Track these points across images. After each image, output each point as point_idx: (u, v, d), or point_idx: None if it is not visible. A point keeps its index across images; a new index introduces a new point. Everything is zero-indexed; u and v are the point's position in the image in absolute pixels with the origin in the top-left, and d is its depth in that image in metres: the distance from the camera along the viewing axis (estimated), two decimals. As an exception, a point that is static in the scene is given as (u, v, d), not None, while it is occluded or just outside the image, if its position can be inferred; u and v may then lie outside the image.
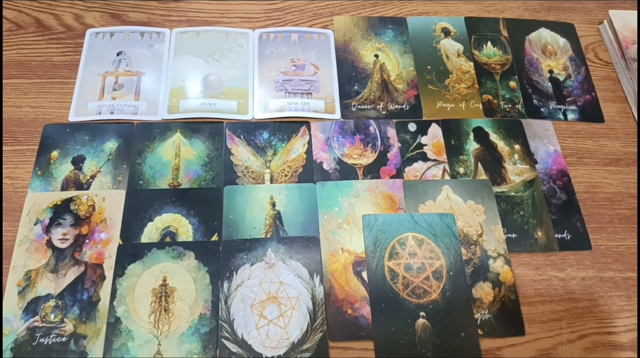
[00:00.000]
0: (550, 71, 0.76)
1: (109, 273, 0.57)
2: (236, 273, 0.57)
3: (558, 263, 0.61)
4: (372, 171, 0.65)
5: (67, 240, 0.58)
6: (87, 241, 0.58)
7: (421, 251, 0.60)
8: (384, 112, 0.70)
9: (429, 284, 0.58)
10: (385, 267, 0.58)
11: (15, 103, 0.68)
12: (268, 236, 0.59)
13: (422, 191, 0.64)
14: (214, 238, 0.59)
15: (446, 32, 0.78)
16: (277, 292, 0.56)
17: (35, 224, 0.59)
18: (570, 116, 0.72)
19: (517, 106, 0.72)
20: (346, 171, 0.65)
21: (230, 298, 0.56)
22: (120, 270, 0.57)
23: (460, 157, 0.67)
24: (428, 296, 0.57)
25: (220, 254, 0.58)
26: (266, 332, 0.54)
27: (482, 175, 0.66)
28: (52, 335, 0.53)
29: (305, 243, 0.59)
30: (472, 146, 0.68)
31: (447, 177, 0.65)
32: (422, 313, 0.56)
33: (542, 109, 0.72)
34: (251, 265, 0.57)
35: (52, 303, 0.55)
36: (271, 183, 0.64)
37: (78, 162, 0.63)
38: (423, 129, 0.69)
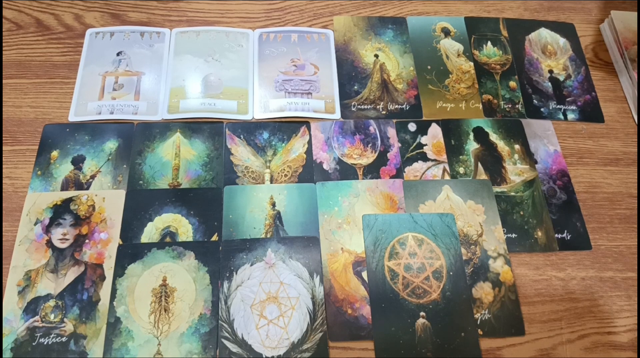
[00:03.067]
0: (550, 71, 0.76)
1: (109, 273, 0.57)
2: (236, 273, 0.57)
3: (558, 263, 0.61)
4: (372, 171, 0.65)
5: (67, 240, 0.58)
6: (87, 241, 0.58)
7: (421, 251, 0.60)
8: (384, 112, 0.70)
9: (429, 284, 0.58)
10: (385, 267, 0.58)
11: (15, 103, 0.68)
12: (268, 236, 0.59)
13: (422, 191, 0.64)
14: (214, 238, 0.59)
15: (446, 32, 0.78)
16: (277, 292, 0.56)
17: (35, 224, 0.59)
18: (570, 116, 0.72)
19: (517, 106, 0.72)
20: (346, 171, 0.65)
21: (230, 298, 0.56)
22: (120, 270, 0.57)
23: (460, 157, 0.67)
24: (428, 297, 0.57)
25: (220, 254, 0.58)
26: (266, 332, 0.54)
27: (482, 175, 0.66)
28: (52, 335, 0.53)
29: (305, 243, 0.59)
30: (472, 146, 0.68)
31: (447, 177, 0.65)
32: (422, 313, 0.56)
33: (542, 109, 0.72)
34: (251, 265, 0.57)
35: (52, 303, 0.55)
36: (271, 183, 0.63)
37: (78, 162, 0.63)
38: (423, 129, 0.69)
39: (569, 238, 0.63)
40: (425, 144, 0.68)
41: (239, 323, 0.54)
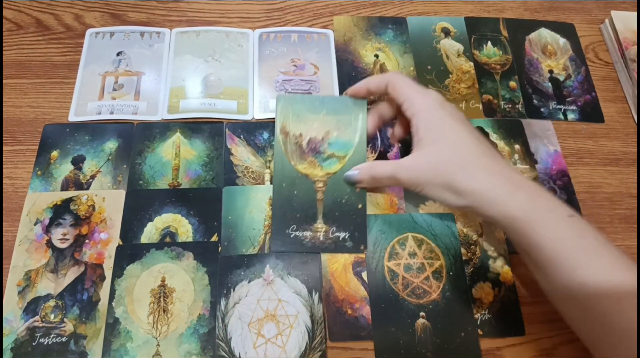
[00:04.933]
0: (550, 71, 0.76)
1: (108, 273, 0.57)
2: (233, 290, 0.56)
3: (558, 263, 0.61)
4: (372, 171, 0.65)
5: (67, 240, 0.58)
6: (87, 241, 0.58)
7: (421, 252, 0.60)
8: (383, 112, 0.70)
9: (428, 284, 0.58)
10: (385, 267, 0.58)
11: (15, 103, 0.68)
12: (267, 236, 0.59)
13: (422, 191, 0.64)
14: (214, 238, 0.59)
15: (446, 32, 0.77)
16: (275, 310, 0.55)
17: (35, 224, 0.59)
18: (570, 116, 0.72)
19: (517, 106, 0.72)
20: (346, 171, 0.65)
21: (228, 316, 0.55)
22: (118, 270, 0.57)
23: (460, 157, 0.67)
24: (428, 297, 0.57)
25: (218, 259, 0.58)
26: (264, 350, 0.53)
27: (482, 175, 0.66)
28: (52, 335, 0.53)
29: (305, 259, 0.58)
30: (472, 146, 0.68)
31: (447, 177, 0.65)
32: (422, 313, 0.56)
33: (542, 109, 0.72)
34: (249, 282, 0.57)
35: (52, 303, 0.55)
36: (271, 183, 0.63)
37: (78, 162, 0.63)
38: (423, 129, 0.69)
39: (569, 238, 0.63)
40: (425, 144, 0.68)
41: (237, 342, 0.54)
